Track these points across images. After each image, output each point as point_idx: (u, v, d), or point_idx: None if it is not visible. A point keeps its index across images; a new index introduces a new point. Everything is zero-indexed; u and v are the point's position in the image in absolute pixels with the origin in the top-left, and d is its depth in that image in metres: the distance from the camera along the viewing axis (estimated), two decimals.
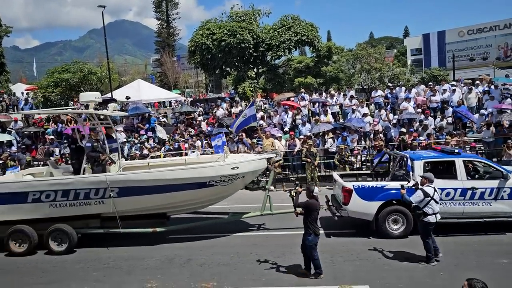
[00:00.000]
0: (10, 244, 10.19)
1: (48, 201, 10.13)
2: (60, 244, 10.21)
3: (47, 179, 10.72)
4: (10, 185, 10.53)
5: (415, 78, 37.81)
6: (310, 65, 40.04)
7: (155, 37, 71.45)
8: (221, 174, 10.27)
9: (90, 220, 10.52)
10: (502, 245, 8.87)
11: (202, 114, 23.83)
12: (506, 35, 59.02)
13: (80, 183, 10.15)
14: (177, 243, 10.54)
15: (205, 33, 28.63)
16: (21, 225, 10.20)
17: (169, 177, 10.09)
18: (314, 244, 8.02)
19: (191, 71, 68.08)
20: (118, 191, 10.00)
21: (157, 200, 10.24)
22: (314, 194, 8.15)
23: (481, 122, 16.68)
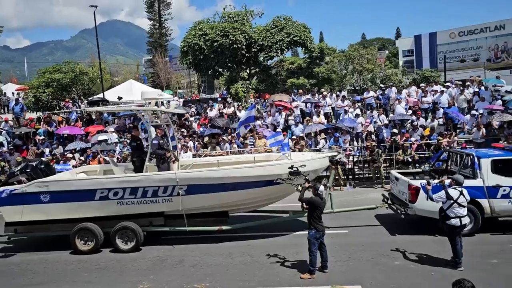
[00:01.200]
0: (76, 242, 10.13)
1: (115, 199, 10.07)
2: (127, 242, 10.18)
3: (116, 177, 10.64)
4: (78, 182, 10.47)
5: (407, 79, 38.06)
6: (302, 66, 40.16)
7: (147, 38, 71.10)
8: (282, 173, 10.21)
9: (154, 218, 10.41)
10: (492, 245, 8.96)
11: (195, 115, 23.76)
12: (497, 37, 59.67)
13: (149, 180, 10.06)
14: (169, 245, 10.50)
15: (197, 34, 28.62)
16: (87, 223, 10.14)
17: (238, 175, 9.99)
18: (315, 239, 8.15)
19: (183, 72, 67.85)
20: (186, 189, 9.92)
21: (224, 198, 10.15)
22: (319, 192, 8.34)
23: (472, 123, 16.84)
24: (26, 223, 10.37)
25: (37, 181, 10.35)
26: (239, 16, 30.04)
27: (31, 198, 10.10)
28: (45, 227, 10.51)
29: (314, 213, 8.24)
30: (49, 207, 10.12)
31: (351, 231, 10.70)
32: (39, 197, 10.09)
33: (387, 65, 49.70)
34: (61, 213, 10.19)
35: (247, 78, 30.69)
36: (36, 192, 10.10)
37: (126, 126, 21.12)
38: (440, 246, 9.21)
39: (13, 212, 10.23)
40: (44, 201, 10.11)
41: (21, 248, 11.03)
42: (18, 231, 10.57)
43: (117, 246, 10.12)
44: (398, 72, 39.83)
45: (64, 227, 10.39)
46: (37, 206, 10.12)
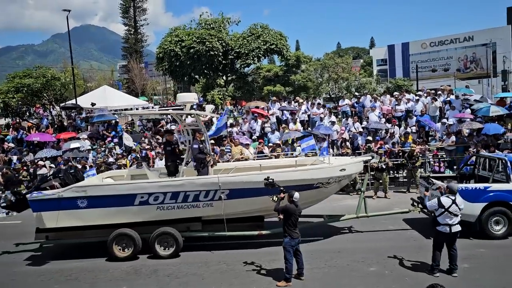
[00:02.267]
0: (114, 248, 9.78)
1: (156, 204, 9.78)
2: (166, 248, 9.89)
3: (158, 181, 10.35)
4: (118, 186, 10.09)
5: (381, 88, 38.83)
6: (279, 74, 40.45)
7: (122, 43, 70.29)
8: (330, 176, 10.18)
9: (191, 224, 10.16)
10: (464, 250, 9.16)
11: (170, 122, 23.51)
12: (466, 48, 61.72)
13: (192, 185, 9.80)
14: (144, 254, 10.29)
15: (173, 40, 28.47)
16: (125, 229, 9.81)
17: (282, 179, 9.74)
18: (290, 246, 8.13)
19: (159, 78, 67.31)
20: (228, 193, 9.72)
21: (265, 202, 9.78)
22: (294, 199, 8.28)
23: (443, 131, 17.29)
24: (59, 229, 9.99)
25: (75, 185, 10.02)
26: (216, 23, 30.06)
27: (67, 203, 9.74)
28: (79, 233, 10.13)
29: (289, 221, 8.20)
30: (86, 213, 9.78)
31: (326, 237, 10.73)
32: (76, 202, 9.74)
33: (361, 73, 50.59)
34: (98, 218, 9.87)
35: (223, 85, 30.69)
36: (73, 197, 9.75)
37: (100, 133, 20.71)
38: (418, 252, 9.35)
39: (49, 218, 9.83)
40: (81, 206, 9.77)
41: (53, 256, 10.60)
42: (50, 237, 10.20)
43: (156, 252, 9.83)
44: (372, 80, 40.56)
45: (98, 233, 10.08)
46: (74, 212, 9.76)
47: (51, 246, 10.99)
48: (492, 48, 57.90)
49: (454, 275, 8.17)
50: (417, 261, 8.94)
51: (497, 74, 54.59)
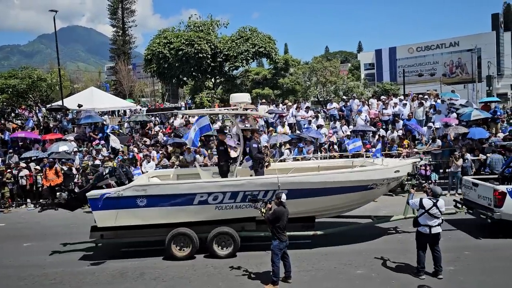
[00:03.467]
0: (172, 248, 9.75)
1: (214, 203, 9.75)
2: (224, 247, 9.86)
3: (218, 180, 10.31)
4: (178, 186, 10.01)
5: (368, 92, 39.16)
6: (267, 77, 40.51)
7: (110, 44, 69.65)
8: (385, 177, 10.24)
9: (246, 223, 10.10)
10: (450, 252, 9.26)
11: (158, 124, 23.40)
12: (451, 53, 62.70)
13: (251, 184, 9.79)
14: (130, 258, 10.19)
15: (162, 42, 28.32)
16: (184, 228, 9.77)
17: (339, 180, 9.86)
18: (278, 249, 8.10)
19: (147, 80, 66.89)
20: (286, 193, 9.44)
21: (321, 202, 10.00)
22: (282, 200, 8.25)
23: (429, 135, 17.50)
24: (115, 228, 9.92)
25: (135, 184, 10.00)
26: (205, 26, 30.00)
27: (127, 202, 9.66)
28: (135, 232, 10.05)
29: (279, 224, 8.17)
30: (145, 212, 9.73)
31: (314, 241, 10.75)
32: (136, 201, 9.68)
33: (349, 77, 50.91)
34: (157, 217, 9.84)
35: (212, 88, 30.62)
36: (133, 196, 9.68)
37: (86, 135, 20.50)
38: (405, 254, 9.42)
39: (107, 217, 9.75)
40: (141, 205, 9.71)
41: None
42: (105, 236, 10.11)
43: (214, 252, 9.79)
44: (360, 84, 40.92)
45: (154, 233, 10.04)
46: (133, 211, 9.71)
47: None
48: (477, 54, 58.92)
49: (440, 277, 8.25)
50: (403, 263, 9.01)
51: (482, 79, 55.51)
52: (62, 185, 16.42)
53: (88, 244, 10.81)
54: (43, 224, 14.24)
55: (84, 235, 10.51)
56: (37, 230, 13.45)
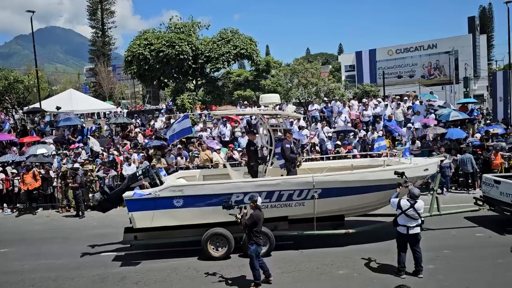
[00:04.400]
0: (208, 248, 9.74)
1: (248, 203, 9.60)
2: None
3: (255, 180, 10.33)
4: (215, 186, 9.98)
5: (349, 93, 39.52)
6: (249, 79, 40.51)
7: (89, 46, 68.56)
8: (415, 176, 10.42)
9: (279, 223, 10.09)
10: (430, 252, 9.41)
11: (139, 126, 23.14)
12: (430, 55, 63.86)
13: (287, 184, 9.84)
14: (112, 262, 10.04)
15: (142, 43, 27.96)
16: (220, 228, 9.74)
17: (372, 178, 10.02)
18: (256, 254, 8.05)
19: (127, 82, 66.11)
20: (320, 192, 9.75)
21: (352, 201, 10.11)
22: (258, 204, 8.20)
23: (408, 135, 17.78)
24: (149, 229, 9.88)
25: (171, 185, 9.96)
26: (186, 27, 29.76)
27: (163, 202, 9.63)
28: (168, 233, 10.05)
29: (257, 228, 8.06)
30: (181, 212, 9.72)
31: (296, 242, 10.77)
32: (172, 201, 9.67)
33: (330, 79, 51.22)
34: (193, 218, 9.84)
35: (193, 90, 30.38)
36: (169, 196, 9.66)
37: (65, 138, 20.13)
38: (386, 254, 9.53)
39: (144, 218, 9.67)
40: (177, 206, 9.70)
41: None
42: (138, 238, 10.05)
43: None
44: (341, 86, 41.18)
45: (188, 233, 10.07)
46: (169, 211, 9.67)
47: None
48: (454, 56, 60.13)
49: (420, 276, 8.38)
50: (386, 263, 9.12)
51: (459, 81, 56.69)
52: (40, 189, 16.08)
53: (67, 248, 10.61)
54: (21, 229, 13.91)
55: (63, 240, 10.32)
56: (15, 235, 13.11)
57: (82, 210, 15.07)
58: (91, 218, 14.70)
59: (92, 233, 12.73)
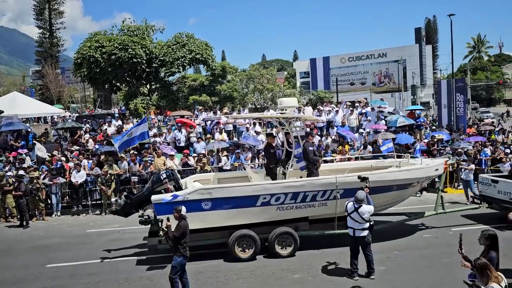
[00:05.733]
0: (235, 249, 9.68)
1: (276, 204, 9.88)
2: (284, 247, 9.94)
3: (281, 182, 10.36)
4: (243, 188, 10.03)
5: (304, 99, 40.27)
6: (205, 83, 40.29)
7: (36, 47, 65.38)
8: (427, 176, 11.15)
9: (300, 223, 10.22)
10: (381, 253, 9.66)
11: (89, 131, 22.28)
12: (380, 63, 66.38)
13: (312, 185, 10.01)
14: (61, 270, 9.52)
15: (93, 46, 27.09)
16: (246, 230, 9.76)
17: (391, 178, 10.48)
18: (181, 266, 7.61)
19: (77, 85, 63.67)
20: (342, 193, 9.93)
21: (375, 200, 10.12)
22: (183, 214, 7.71)
23: (360, 140, 18.30)
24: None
25: (200, 188, 9.94)
26: (139, 30, 29.18)
27: (192, 205, 9.35)
28: (195, 236, 9.52)
29: (185, 239, 7.59)
30: (210, 215, 9.65)
31: None
32: (201, 204, 9.60)
33: (285, 85, 52.03)
34: (220, 220, 9.77)
35: (147, 94, 29.77)
36: (198, 199, 9.58)
37: (8, 143, 18.99)
38: (339, 257, 9.68)
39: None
40: (205, 208, 9.63)
41: None
42: (163, 242, 9.62)
43: (275, 252, 9.87)
44: (296, 92, 41.98)
45: (214, 236, 10.03)
46: (197, 214, 9.50)
47: None
48: (402, 65, 62.87)
49: (372, 277, 8.58)
50: (340, 266, 9.27)
51: (407, 88, 59.28)
52: None
53: (9, 262, 9.96)
54: None
55: (4, 252, 9.67)
56: None
57: (26, 219, 14.23)
58: (36, 228, 13.93)
59: (38, 244, 12.03)
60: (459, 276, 6.94)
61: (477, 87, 69.91)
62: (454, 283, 7.71)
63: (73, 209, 15.77)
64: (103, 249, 11.08)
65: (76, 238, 12.33)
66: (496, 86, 74.74)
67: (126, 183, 16.34)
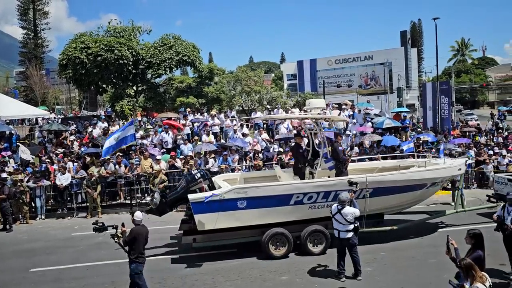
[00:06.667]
0: (269, 247, 9.86)
1: (308, 203, 10.07)
2: (316, 245, 10.12)
3: (313, 181, 10.58)
4: (278, 187, 10.24)
5: (291, 102, 40.35)
6: (192, 85, 40.06)
7: (20, 48, 64.34)
8: (452, 175, 11.64)
9: (329, 221, 9.88)
10: (368, 254, 9.74)
11: (75, 133, 22.01)
12: (366, 66, 67.06)
13: (343, 184, 10.01)
14: (45, 275, 9.37)
15: (79, 47, 26.78)
16: (279, 228, 9.92)
17: (416, 178, 10.71)
18: (139, 271, 7.48)
19: (62, 87, 62.80)
20: (371, 192, 10.13)
21: (397, 199, 10.76)
22: (135, 218, 7.54)
23: (347, 142, 18.42)
24: (208, 231, 9.90)
25: (236, 187, 10.10)
26: (126, 32, 28.93)
27: (228, 204, 9.69)
28: (228, 234, 10.11)
29: (137, 244, 7.42)
30: (244, 213, 9.81)
31: (239, 250, 10.70)
32: (236, 203, 9.75)
33: (273, 87, 52.12)
34: (254, 219, 9.94)
35: (133, 96, 29.52)
36: (233, 198, 9.74)
37: None
38: (327, 259, 9.72)
39: (208, 220, 9.70)
40: (240, 207, 9.78)
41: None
42: (197, 240, 10.06)
43: (307, 249, 10.03)
44: (283, 94, 41.98)
45: (246, 234, 10.22)
46: (232, 213, 9.76)
47: None
48: (388, 67, 63.59)
49: (359, 278, 8.63)
50: (327, 268, 9.29)
51: (393, 91, 59.95)
52: None
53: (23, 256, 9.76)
54: None
55: None
56: None
57: (9, 223, 13.99)
58: (20, 232, 13.71)
59: (22, 248, 11.84)
60: (444, 276, 7.03)
61: (461, 90, 71.08)
62: (440, 284, 7.81)
63: (57, 212, 15.56)
64: (88, 252, 10.95)
65: (61, 242, 12.17)
66: (479, 89, 76.09)
67: (113, 186, 16.20)
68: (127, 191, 16.27)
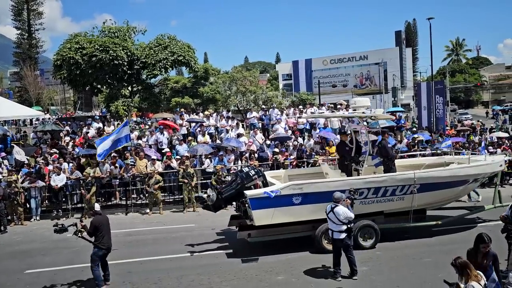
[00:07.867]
0: (322, 241, 10.11)
1: (359, 199, 10.09)
2: (366, 239, 10.36)
3: (364, 177, 10.73)
4: (329, 183, 10.43)
5: (286, 101, 40.39)
6: (187, 86, 40.03)
7: (14, 48, 64.05)
8: (493, 171, 11.92)
9: (376, 217, 10.64)
10: (363, 254, 9.77)
11: (69, 134, 21.92)
12: (361, 66, 67.15)
13: (392, 180, 10.48)
14: (40, 276, 9.32)
15: (73, 47, 26.64)
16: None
17: (460, 174, 11.07)
18: (96, 256, 8.38)
19: (57, 87, 62.53)
20: (419, 188, 10.47)
21: (442, 194, 11.06)
22: (96, 210, 8.71)
23: None
24: (263, 227, 10.08)
25: (292, 183, 10.31)
26: (121, 32, 28.80)
27: (284, 200, 9.93)
28: (281, 229, 10.33)
29: (98, 232, 8.35)
30: (299, 209, 10.05)
31: (236, 250, 10.70)
32: (292, 199, 10.00)
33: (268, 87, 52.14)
34: (307, 214, 10.12)
35: (128, 96, 29.41)
36: (290, 194, 10.00)
37: None
38: (323, 259, 9.73)
39: (264, 216, 9.92)
40: (296, 203, 10.02)
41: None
42: (252, 235, 10.28)
43: (358, 244, 10.12)
44: (278, 94, 42.02)
45: (297, 229, 10.40)
46: (288, 208, 10.00)
47: None
48: (383, 67, 63.74)
49: (355, 278, 8.65)
50: (324, 267, 9.30)
51: (388, 90, 60.12)
52: None
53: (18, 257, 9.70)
54: None
55: None
56: None
57: (4, 224, 13.90)
58: (14, 233, 13.63)
59: (16, 249, 11.77)
60: (440, 275, 7.06)
61: (456, 89, 71.44)
62: (435, 282, 7.84)
63: (52, 213, 15.46)
64: (83, 254, 10.89)
65: (55, 243, 12.08)
66: (474, 88, 76.55)
67: (108, 187, 16.14)
68: (122, 191, 16.22)
